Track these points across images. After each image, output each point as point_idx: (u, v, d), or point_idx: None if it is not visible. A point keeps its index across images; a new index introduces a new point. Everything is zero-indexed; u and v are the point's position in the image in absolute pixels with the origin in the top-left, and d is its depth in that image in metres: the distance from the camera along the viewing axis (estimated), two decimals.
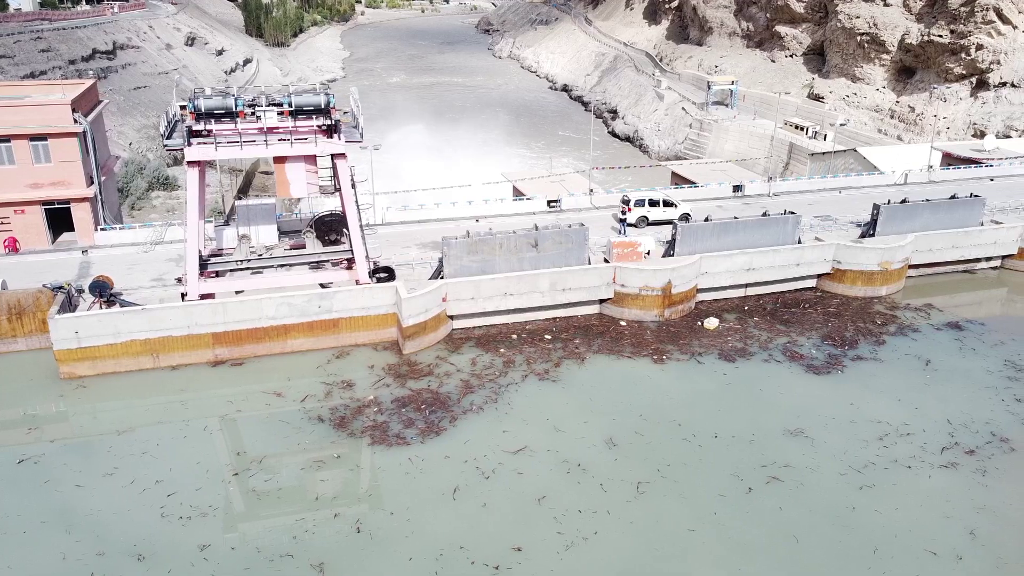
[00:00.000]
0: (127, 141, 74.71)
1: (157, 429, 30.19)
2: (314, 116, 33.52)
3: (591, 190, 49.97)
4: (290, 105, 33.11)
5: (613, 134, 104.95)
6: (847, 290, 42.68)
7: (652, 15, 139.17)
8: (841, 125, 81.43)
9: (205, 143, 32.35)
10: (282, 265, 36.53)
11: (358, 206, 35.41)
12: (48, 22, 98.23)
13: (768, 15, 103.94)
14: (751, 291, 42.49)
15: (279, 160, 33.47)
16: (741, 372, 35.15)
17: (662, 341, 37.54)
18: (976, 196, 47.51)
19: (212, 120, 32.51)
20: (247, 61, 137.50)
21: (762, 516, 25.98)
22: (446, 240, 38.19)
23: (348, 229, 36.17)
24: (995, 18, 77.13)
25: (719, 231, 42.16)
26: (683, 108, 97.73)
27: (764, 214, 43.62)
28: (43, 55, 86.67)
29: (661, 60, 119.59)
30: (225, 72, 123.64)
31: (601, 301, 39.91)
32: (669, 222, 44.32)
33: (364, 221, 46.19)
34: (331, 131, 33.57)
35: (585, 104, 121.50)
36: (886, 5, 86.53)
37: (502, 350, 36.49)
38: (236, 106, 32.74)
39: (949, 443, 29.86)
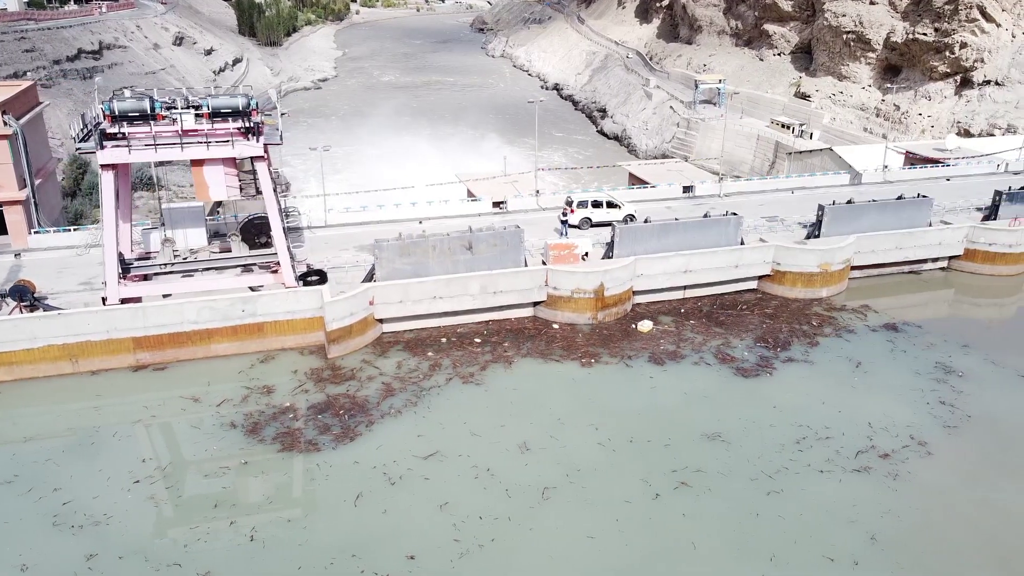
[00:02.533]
0: None
1: (66, 436, 29.84)
2: (234, 118, 33.16)
3: (537, 191, 49.66)
4: (208, 107, 32.76)
5: (602, 133, 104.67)
6: (787, 292, 42.40)
7: (644, 14, 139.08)
8: (811, 133, 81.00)
9: (119, 146, 31.99)
10: (207, 268, 36.21)
11: (281, 209, 35.05)
12: (34, 22, 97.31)
13: (757, 13, 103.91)
14: (690, 293, 42.21)
15: (196, 163, 33.13)
16: (669, 375, 34.87)
17: (593, 344, 37.24)
18: (924, 196, 47.29)
19: (129, 123, 32.11)
20: (236, 61, 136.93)
21: (665, 523, 25.70)
22: (378, 243, 37.87)
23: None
24: (979, 16, 77.03)
25: (659, 232, 41.86)
26: (671, 107, 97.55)
27: (705, 215, 43.34)
28: (27, 55, 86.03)
29: (651, 59, 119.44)
30: (214, 72, 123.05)
31: (535, 304, 39.62)
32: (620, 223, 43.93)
33: (309, 223, 46.33)
34: (250, 133, 33.19)
35: (575, 103, 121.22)
36: (872, 3, 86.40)
37: (430, 354, 36.18)
38: (154, 108, 32.40)
39: (865, 447, 29.59)
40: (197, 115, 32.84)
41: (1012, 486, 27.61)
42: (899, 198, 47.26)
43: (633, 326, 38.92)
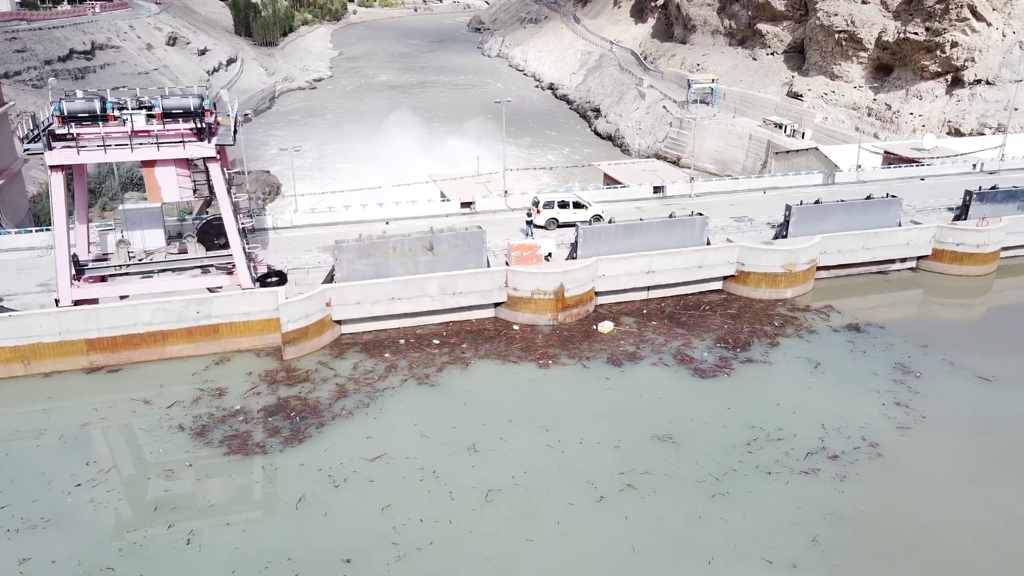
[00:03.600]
0: None
1: (11, 439, 29.67)
2: (186, 119, 32.96)
3: (505, 192, 49.47)
4: (160, 108, 32.57)
5: (596, 132, 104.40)
6: (752, 292, 42.24)
7: (639, 13, 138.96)
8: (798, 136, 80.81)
9: (68, 147, 31.80)
10: (163, 270, 36.03)
11: (236, 210, 34.87)
12: (26, 22, 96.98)
13: (750, 13, 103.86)
14: (655, 294, 42.05)
15: (147, 164, 32.94)
16: (626, 376, 34.71)
17: (552, 345, 37.07)
18: (893, 196, 47.16)
19: (78, 123, 31.93)
20: (231, 61, 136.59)
21: (606, 526, 25.53)
22: (337, 244, 37.72)
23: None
24: (969, 15, 76.91)
25: (623, 233, 41.71)
26: (664, 107, 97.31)
27: (671, 215, 43.20)
28: (18, 55, 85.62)
29: (646, 58, 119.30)
30: (207, 72, 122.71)
31: (496, 305, 39.44)
32: (584, 223, 43.74)
33: (274, 224, 46.15)
34: (203, 134, 33.00)
35: (570, 103, 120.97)
36: (864, 3, 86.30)
37: (387, 355, 36.01)
38: (105, 109, 32.21)
39: (816, 448, 29.43)
40: (149, 116, 32.65)
41: (960, 488, 27.47)
42: (868, 198, 47.11)
43: (594, 327, 38.76)
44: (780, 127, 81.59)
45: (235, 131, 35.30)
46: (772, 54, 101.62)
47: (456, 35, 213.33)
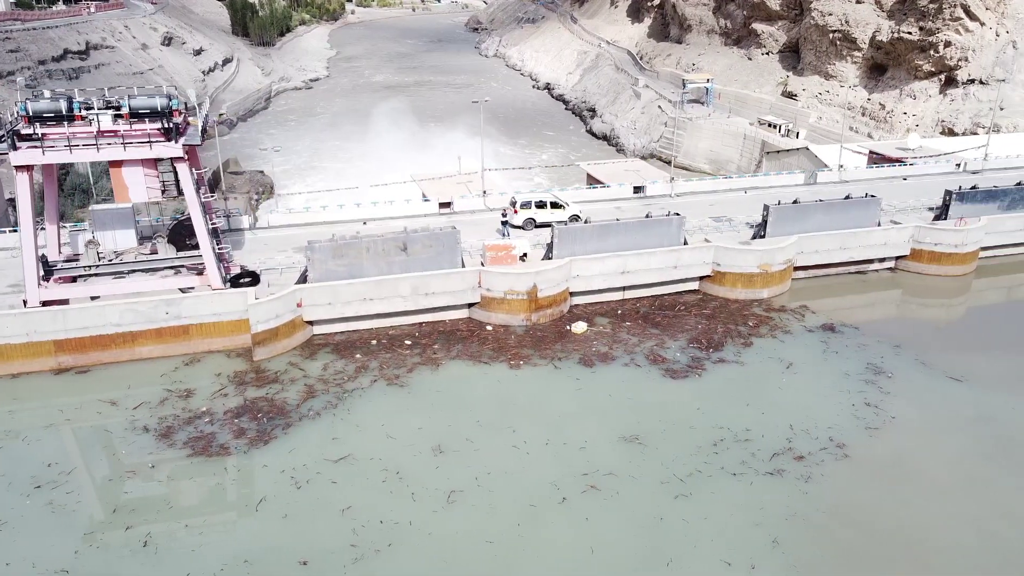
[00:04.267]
0: None
1: None
2: (154, 119, 32.84)
3: (484, 191, 49.34)
4: (127, 108, 32.45)
5: (591, 132, 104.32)
6: (728, 293, 42.12)
7: (635, 13, 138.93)
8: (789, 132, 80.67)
9: (34, 147, 31.67)
10: (133, 271, 35.89)
11: (205, 210, 34.72)
12: (20, 22, 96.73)
13: (745, 12, 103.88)
14: (630, 294, 41.94)
15: (115, 164, 32.82)
16: (597, 377, 34.59)
17: (525, 346, 36.94)
18: (872, 196, 47.05)
19: (43, 123, 31.79)
20: (227, 61, 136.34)
21: (566, 528, 25.40)
22: (310, 244, 37.59)
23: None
24: (963, 15, 76.88)
25: (599, 233, 41.61)
26: (659, 106, 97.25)
27: (647, 215, 43.10)
28: (11, 55, 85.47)
29: (642, 58, 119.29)
30: (203, 72, 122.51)
31: (470, 305, 39.32)
32: (560, 224, 43.61)
33: (251, 224, 46.00)
34: (170, 134, 32.86)
35: (566, 103, 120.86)
36: (858, 2, 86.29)
37: (358, 356, 35.88)
38: (72, 109, 32.10)
39: (782, 449, 29.31)
40: (116, 116, 32.52)
41: (923, 489, 27.36)
42: (847, 198, 47.03)
43: (568, 328, 38.63)
44: (774, 127, 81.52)
45: (203, 131, 35.14)
46: (767, 54, 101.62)
47: (454, 35, 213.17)
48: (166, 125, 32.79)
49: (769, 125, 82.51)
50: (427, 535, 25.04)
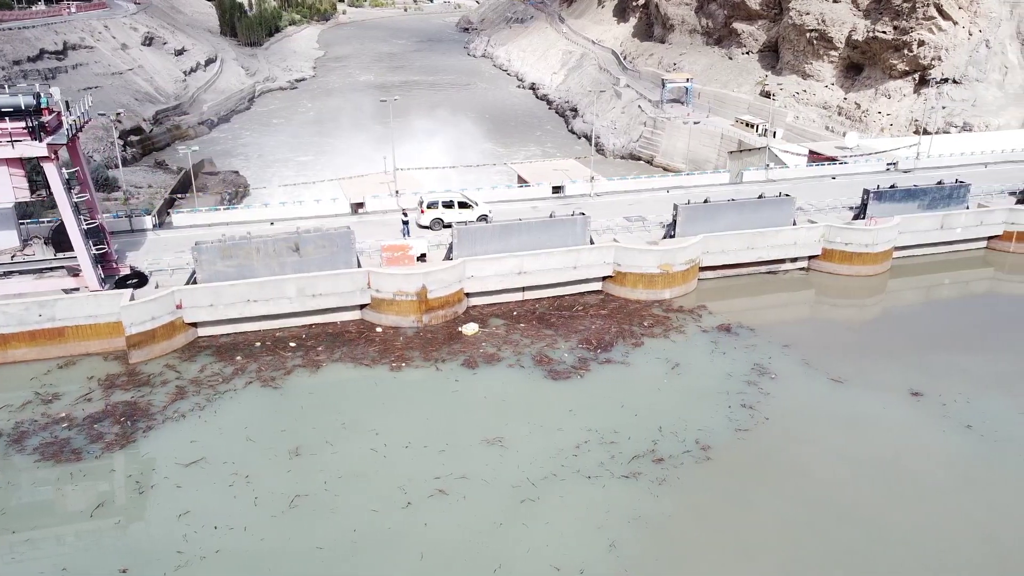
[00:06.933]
0: None
1: None
2: (19, 117, 32.25)
3: (396, 191, 48.82)
4: None
5: (572, 132, 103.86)
6: (629, 293, 41.69)
7: (621, 13, 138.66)
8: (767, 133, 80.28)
9: None
10: (10, 272, 35.31)
11: (76, 211, 34.15)
12: None
13: (726, 12, 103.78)
14: (531, 295, 41.48)
15: None
16: (477, 378, 34.12)
17: (411, 348, 36.45)
18: (786, 195, 46.68)
19: None
20: (210, 61, 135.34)
21: (401, 533, 24.89)
22: (197, 245, 37.02)
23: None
24: (936, 14, 76.79)
25: (501, 233, 41.14)
26: (639, 106, 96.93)
27: (551, 215, 42.66)
28: None
29: (625, 58, 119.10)
30: (184, 72, 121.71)
31: (362, 307, 38.81)
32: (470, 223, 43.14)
33: (154, 224, 45.42)
34: (35, 133, 32.28)
35: (549, 102, 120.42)
36: (835, 1, 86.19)
37: (238, 358, 35.34)
38: None
39: (644, 451, 28.86)
40: None
41: (777, 491, 26.95)
42: (760, 197, 46.70)
43: (459, 329, 38.15)
44: (751, 126, 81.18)
45: (79, 130, 34.57)
46: (748, 53, 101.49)
47: (444, 35, 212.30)
48: (31, 124, 32.18)
49: (746, 124, 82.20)
50: (259, 541, 24.53)
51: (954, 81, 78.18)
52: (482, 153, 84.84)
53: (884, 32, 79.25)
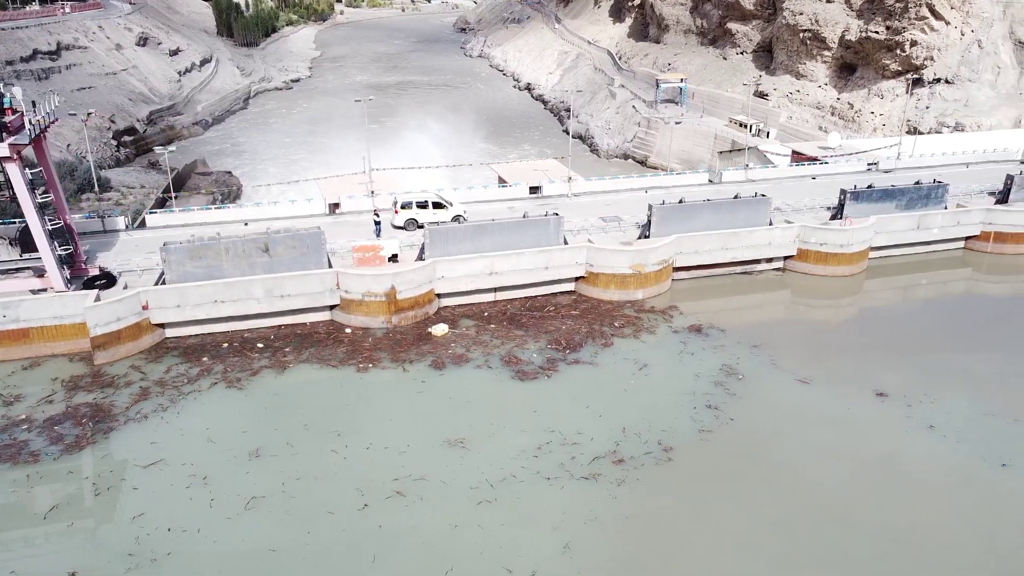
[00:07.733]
0: (65, 143, 72.24)
1: None
2: None
3: (372, 192, 48.68)
4: None
5: (566, 132, 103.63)
6: (602, 294, 41.56)
7: (617, 13, 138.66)
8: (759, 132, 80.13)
9: None
10: None
11: (41, 211, 34.00)
12: None
13: (721, 12, 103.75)
14: (503, 295, 41.35)
15: None
16: (443, 379, 33.98)
17: (380, 349, 36.31)
18: (762, 195, 46.59)
19: None
20: (205, 62, 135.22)
21: (356, 535, 24.76)
22: (166, 245, 36.88)
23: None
24: (928, 14, 76.77)
25: (473, 234, 41.03)
26: (633, 106, 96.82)
27: (524, 215, 42.53)
28: None
29: (620, 58, 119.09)
30: (179, 73, 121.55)
31: (332, 308, 38.67)
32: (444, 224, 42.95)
33: (127, 225, 45.27)
34: None
35: (545, 103, 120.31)
36: (828, 1, 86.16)
37: (205, 359, 35.18)
38: None
39: (605, 452, 28.72)
40: None
41: (735, 492, 26.82)
42: (735, 197, 46.57)
43: (429, 330, 38.01)
44: (745, 126, 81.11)
45: (45, 130, 34.42)
46: (742, 53, 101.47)
47: (441, 35, 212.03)
48: None
49: (740, 125, 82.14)
50: (212, 543, 24.38)
51: (947, 81, 78.26)
52: (477, 153, 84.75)
53: (877, 32, 79.15)
